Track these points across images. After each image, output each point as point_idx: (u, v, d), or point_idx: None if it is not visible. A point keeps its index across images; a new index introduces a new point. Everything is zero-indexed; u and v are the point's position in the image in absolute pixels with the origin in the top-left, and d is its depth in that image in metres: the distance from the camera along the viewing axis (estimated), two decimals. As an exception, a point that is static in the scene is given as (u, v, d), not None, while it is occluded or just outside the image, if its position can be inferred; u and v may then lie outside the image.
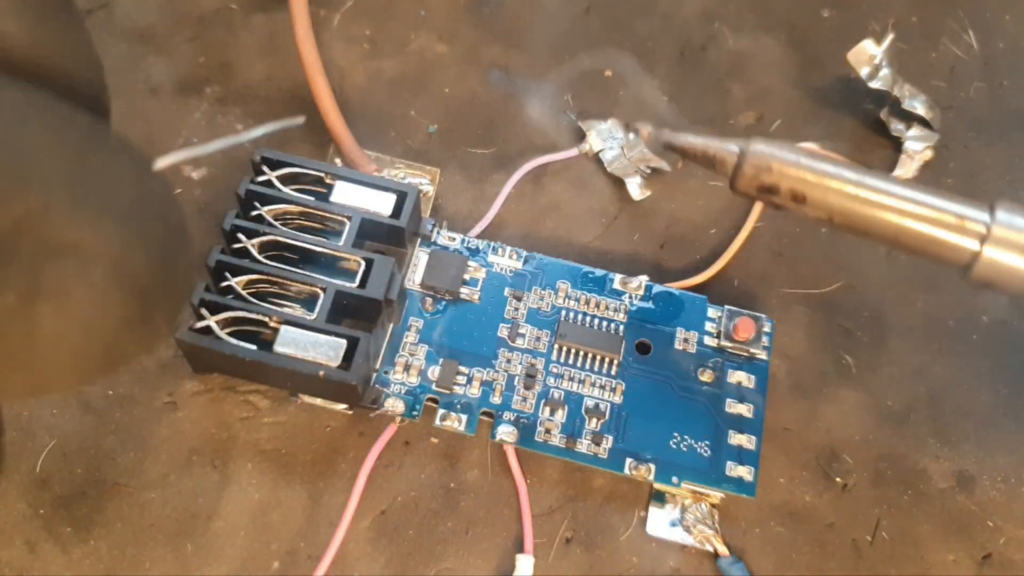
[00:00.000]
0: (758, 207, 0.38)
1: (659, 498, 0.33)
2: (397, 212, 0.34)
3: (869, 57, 0.39)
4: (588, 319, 0.35)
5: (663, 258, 0.38)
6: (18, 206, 0.17)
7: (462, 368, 0.34)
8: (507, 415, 0.33)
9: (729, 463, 0.33)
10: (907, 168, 0.40)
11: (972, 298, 0.37)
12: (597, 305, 0.35)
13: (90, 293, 0.19)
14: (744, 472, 0.32)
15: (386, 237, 0.35)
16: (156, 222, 0.20)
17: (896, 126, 0.40)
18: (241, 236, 0.33)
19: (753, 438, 0.33)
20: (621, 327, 0.35)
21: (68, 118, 0.19)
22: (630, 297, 0.36)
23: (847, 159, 0.29)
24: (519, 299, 0.35)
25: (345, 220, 0.34)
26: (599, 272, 0.36)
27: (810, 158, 0.28)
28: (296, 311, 0.32)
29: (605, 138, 0.40)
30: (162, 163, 0.21)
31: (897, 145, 0.40)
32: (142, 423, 0.33)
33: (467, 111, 0.41)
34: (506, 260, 0.36)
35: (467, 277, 0.35)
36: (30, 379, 0.20)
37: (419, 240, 0.36)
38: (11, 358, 0.19)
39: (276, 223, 0.34)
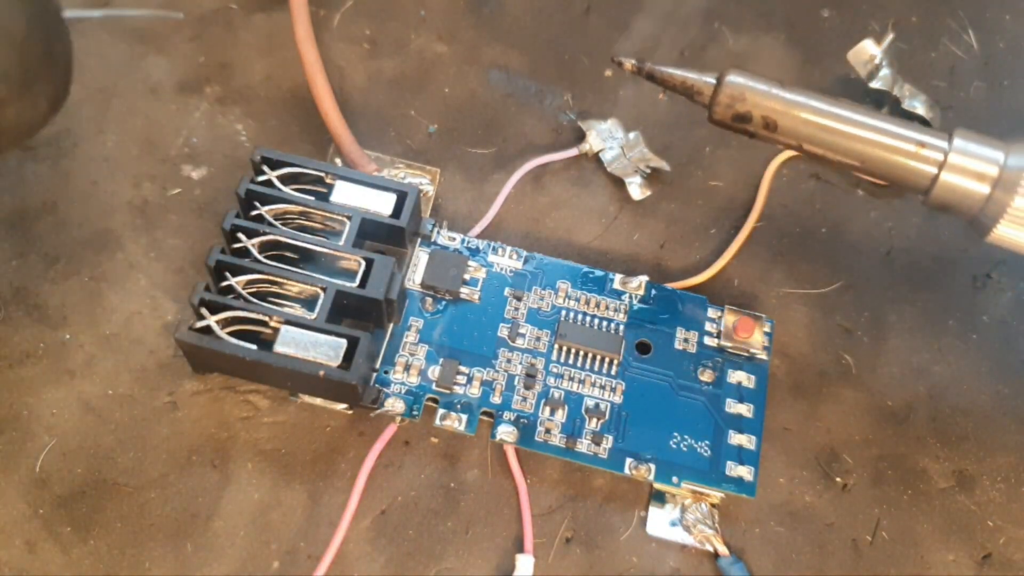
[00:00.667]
0: (758, 207, 0.38)
1: (659, 498, 0.33)
2: (397, 212, 0.34)
3: (869, 57, 0.39)
4: (588, 319, 0.35)
5: (663, 258, 0.38)
6: None
7: (462, 368, 0.34)
8: (507, 415, 0.33)
9: (729, 463, 0.33)
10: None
11: (972, 298, 0.38)
12: (597, 305, 0.35)
13: None
14: (744, 472, 0.32)
15: (386, 237, 0.35)
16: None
17: (896, 126, 0.40)
18: (241, 236, 0.33)
19: (753, 438, 0.33)
20: (621, 327, 0.35)
21: None
22: (630, 297, 0.36)
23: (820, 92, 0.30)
24: (519, 299, 0.35)
25: (345, 220, 0.34)
26: (599, 272, 0.36)
27: (782, 88, 0.30)
28: (296, 311, 0.32)
29: (605, 138, 0.40)
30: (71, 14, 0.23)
31: (897, 145, 0.40)
32: (142, 423, 0.33)
33: (467, 111, 0.41)
34: (506, 260, 0.36)
35: (467, 277, 0.35)
36: None
37: (419, 240, 0.36)
38: None
39: (276, 223, 0.34)
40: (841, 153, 0.30)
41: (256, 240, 0.33)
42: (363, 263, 0.33)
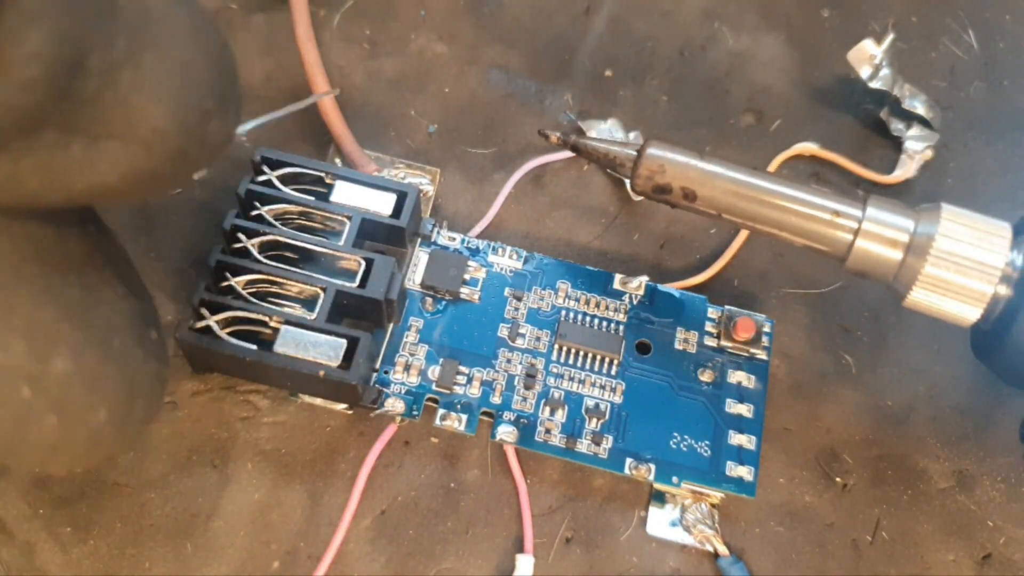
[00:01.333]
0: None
1: (659, 498, 0.33)
2: (397, 212, 0.34)
3: (869, 57, 0.39)
4: (588, 319, 0.35)
5: (663, 258, 0.38)
6: None
7: (462, 368, 0.34)
8: (507, 415, 0.33)
9: (729, 463, 0.33)
10: (907, 168, 0.39)
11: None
12: (597, 305, 0.35)
13: (182, 50, 0.22)
14: (744, 472, 0.32)
15: (386, 237, 0.35)
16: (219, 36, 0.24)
17: (896, 126, 0.40)
18: (241, 236, 0.33)
19: (753, 438, 0.33)
20: (621, 327, 0.35)
21: None
22: (630, 297, 0.36)
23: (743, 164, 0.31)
24: (519, 299, 0.35)
25: (345, 220, 0.34)
26: (599, 272, 0.36)
27: (700, 160, 0.31)
28: (296, 311, 0.32)
29: (605, 138, 0.39)
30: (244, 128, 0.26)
31: (897, 145, 0.40)
32: (142, 423, 0.33)
33: (467, 111, 0.41)
34: (506, 260, 0.36)
35: (467, 277, 0.35)
36: (126, 148, 0.22)
37: (419, 240, 0.36)
38: (113, 112, 0.21)
39: (276, 223, 0.34)
40: (760, 222, 0.31)
41: (256, 240, 0.33)
42: (363, 263, 0.33)
